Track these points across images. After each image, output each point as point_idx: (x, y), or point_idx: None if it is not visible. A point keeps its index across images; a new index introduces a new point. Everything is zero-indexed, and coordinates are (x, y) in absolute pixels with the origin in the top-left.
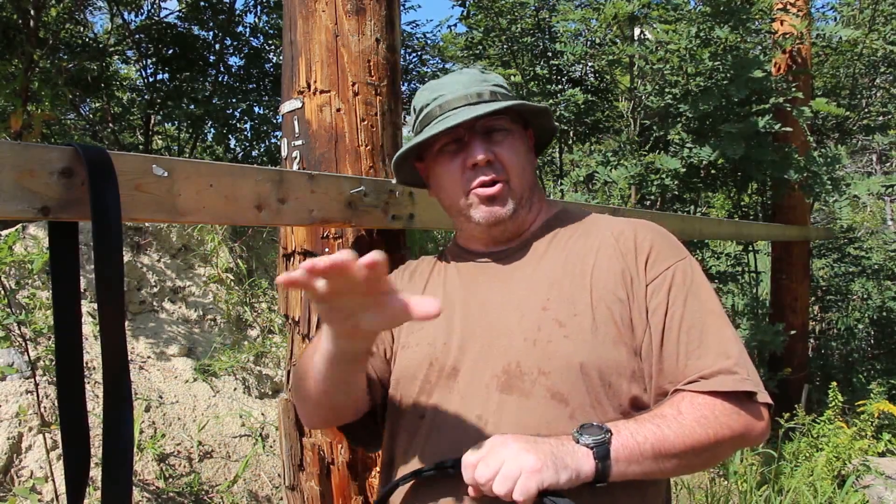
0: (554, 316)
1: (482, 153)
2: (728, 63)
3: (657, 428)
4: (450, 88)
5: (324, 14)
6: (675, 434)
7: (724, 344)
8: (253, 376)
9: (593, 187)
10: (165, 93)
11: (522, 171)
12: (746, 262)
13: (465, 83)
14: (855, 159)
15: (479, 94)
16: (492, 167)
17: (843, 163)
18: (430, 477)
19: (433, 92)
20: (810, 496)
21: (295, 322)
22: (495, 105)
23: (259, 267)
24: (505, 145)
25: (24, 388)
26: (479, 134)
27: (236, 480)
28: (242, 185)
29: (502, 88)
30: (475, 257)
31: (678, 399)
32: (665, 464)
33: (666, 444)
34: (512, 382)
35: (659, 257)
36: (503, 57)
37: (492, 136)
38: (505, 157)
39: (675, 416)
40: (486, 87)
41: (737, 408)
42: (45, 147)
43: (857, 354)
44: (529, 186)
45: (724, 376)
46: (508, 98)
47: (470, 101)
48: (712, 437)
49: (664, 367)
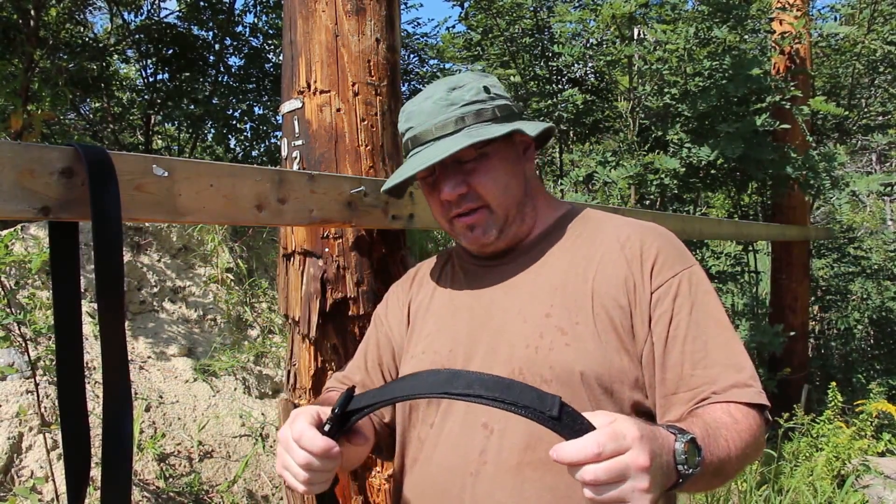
0: (556, 323)
1: (450, 189)
2: (727, 63)
3: (725, 442)
4: (417, 119)
5: (324, 14)
6: (735, 447)
7: (735, 356)
8: (253, 376)
9: (593, 187)
10: (165, 93)
11: (505, 190)
12: (746, 262)
13: (429, 112)
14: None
15: (443, 126)
16: (466, 198)
17: (841, 161)
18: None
19: (406, 122)
20: (810, 496)
21: (295, 322)
22: (455, 143)
23: (259, 267)
24: (479, 172)
25: (24, 388)
26: (448, 168)
27: (236, 480)
28: (242, 185)
29: (475, 105)
30: (481, 261)
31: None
32: (714, 480)
33: (728, 457)
34: None
35: (665, 265)
36: (502, 57)
37: (463, 166)
38: (479, 185)
39: (731, 424)
40: (452, 112)
41: (760, 421)
42: (45, 147)
43: (856, 354)
44: (516, 203)
45: (744, 390)
46: (481, 114)
47: (435, 135)
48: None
49: (667, 376)
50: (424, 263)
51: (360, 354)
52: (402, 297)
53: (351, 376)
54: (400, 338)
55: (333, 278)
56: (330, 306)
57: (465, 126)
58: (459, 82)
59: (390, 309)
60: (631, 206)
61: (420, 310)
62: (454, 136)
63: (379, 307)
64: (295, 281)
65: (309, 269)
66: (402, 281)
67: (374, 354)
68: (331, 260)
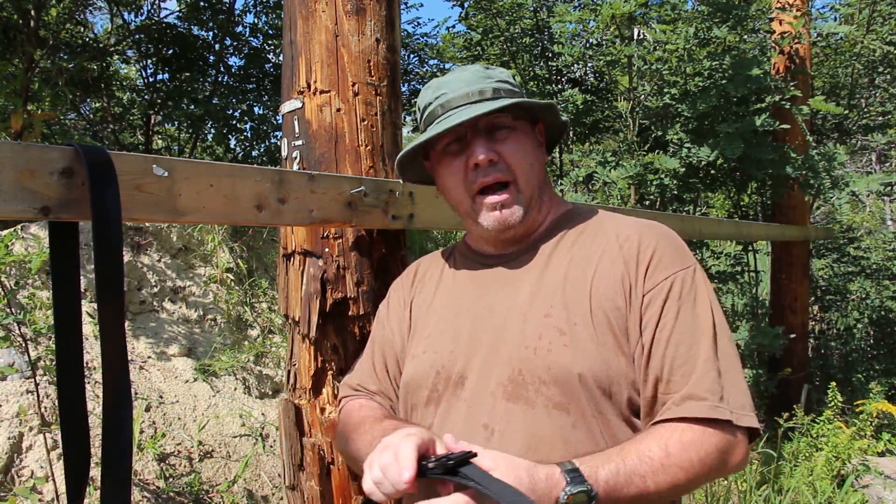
0: (555, 324)
1: (483, 153)
2: (727, 63)
3: (641, 481)
4: (452, 87)
5: (324, 14)
6: (656, 484)
7: (709, 368)
8: (253, 376)
9: (593, 187)
10: (165, 93)
11: (530, 169)
12: (746, 262)
13: (467, 80)
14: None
15: (480, 92)
16: (495, 167)
17: (841, 160)
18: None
19: (436, 90)
20: (810, 496)
21: (295, 322)
22: (498, 103)
23: (259, 267)
24: (509, 143)
25: (24, 388)
26: (481, 132)
27: (236, 480)
28: (242, 185)
29: (507, 84)
30: (484, 259)
31: (666, 434)
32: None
33: (647, 493)
34: (517, 391)
35: (659, 266)
36: (502, 57)
37: (495, 134)
38: (509, 156)
39: (662, 459)
40: (489, 83)
41: (718, 439)
42: (45, 147)
43: (856, 354)
44: (538, 185)
45: (700, 403)
46: (514, 94)
47: (472, 99)
48: (692, 479)
49: (648, 380)
50: (425, 259)
51: (367, 359)
52: (403, 297)
53: (365, 385)
54: (401, 341)
55: (333, 278)
56: (330, 306)
57: (502, 97)
58: (492, 67)
59: (392, 309)
60: (631, 206)
61: (422, 309)
62: (492, 102)
63: (381, 307)
64: (295, 281)
65: (309, 269)
66: (402, 278)
67: (380, 362)
68: (331, 260)
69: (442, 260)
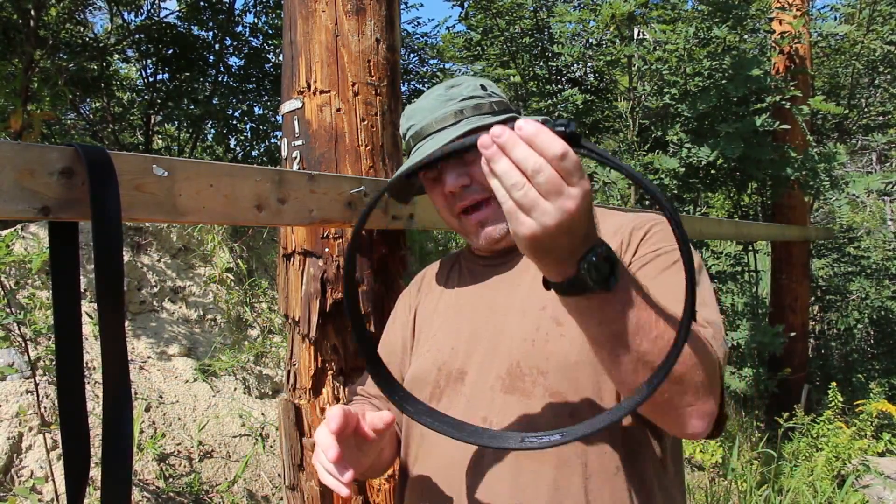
0: (552, 314)
1: (453, 180)
2: (727, 63)
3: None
4: (418, 117)
5: (324, 14)
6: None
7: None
8: (253, 376)
9: (592, 188)
10: (165, 93)
11: None
12: (746, 262)
13: (430, 108)
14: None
15: (442, 119)
16: (469, 190)
17: (841, 160)
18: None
19: (408, 120)
20: (810, 496)
21: (295, 322)
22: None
23: (259, 267)
24: (480, 162)
25: (24, 388)
26: (450, 160)
27: (236, 480)
28: (242, 185)
29: (473, 99)
30: (485, 261)
31: None
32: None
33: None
34: (514, 383)
35: (654, 237)
36: (502, 57)
37: (464, 156)
38: (481, 175)
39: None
40: (451, 106)
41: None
42: (45, 147)
43: (856, 354)
44: None
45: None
46: (481, 107)
47: (435, 128)
48: (691, 367)
49: None
50: (430, 268)
51: None
52: (409, 302)
53: (367, 389)
54: (403, 343)
55: (333, 278)
56: (330, 306)
57: (463, 118)
58: (457, 82)
59: (398, 314)
60: (631, 206)
61: (427, 312)
62: (454, 127)
63: (392, 313)
64: (295, 281)
65: (309, 269)
66: (411, 285)
67: None
68: (331, 260)
69: (447, 266)
